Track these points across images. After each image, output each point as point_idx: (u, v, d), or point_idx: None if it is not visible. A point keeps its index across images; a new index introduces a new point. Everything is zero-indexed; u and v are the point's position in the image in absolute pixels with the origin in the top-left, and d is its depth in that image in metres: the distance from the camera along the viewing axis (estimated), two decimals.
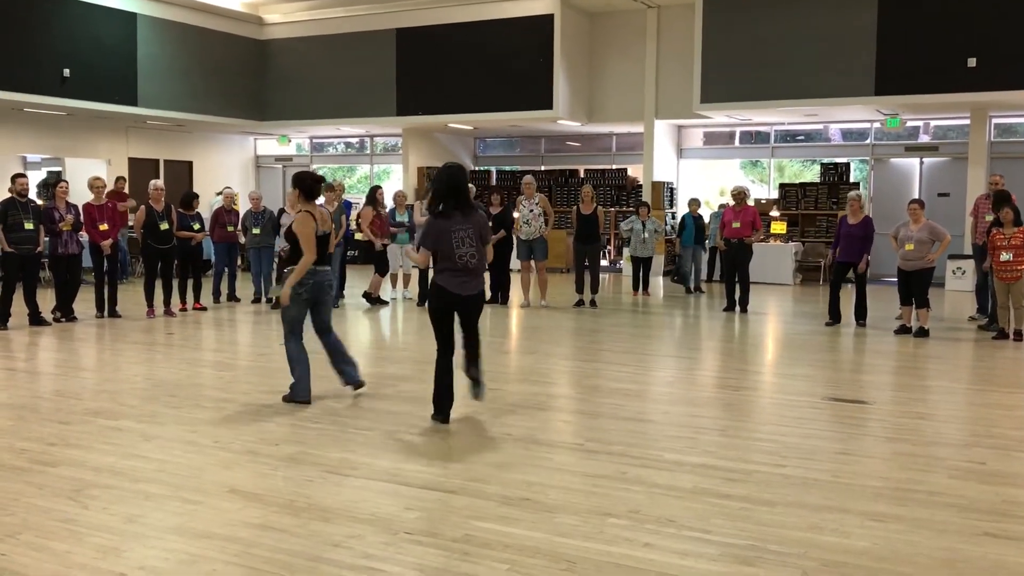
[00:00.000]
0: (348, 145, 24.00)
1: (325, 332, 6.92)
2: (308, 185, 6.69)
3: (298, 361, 6.76)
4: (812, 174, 19.58)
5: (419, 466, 5.14)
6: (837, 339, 10.36)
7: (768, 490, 4.77)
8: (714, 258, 16.54)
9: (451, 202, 6.03)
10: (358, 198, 18.23)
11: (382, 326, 11.42)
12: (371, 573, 3.67)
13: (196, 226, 12.03)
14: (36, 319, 10.54)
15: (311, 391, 6.77)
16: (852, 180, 18.22)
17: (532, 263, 12.88)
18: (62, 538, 4.01)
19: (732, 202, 12.83)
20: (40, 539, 4.00)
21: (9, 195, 10.43)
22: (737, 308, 12.51)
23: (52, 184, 18.53)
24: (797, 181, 19.29)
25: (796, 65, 15.60)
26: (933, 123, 18.05)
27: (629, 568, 3.73)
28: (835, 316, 11.25)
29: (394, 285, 13.66)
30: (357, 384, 7.00)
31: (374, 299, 12.98)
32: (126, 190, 16.05)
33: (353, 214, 14.10)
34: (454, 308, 6.21)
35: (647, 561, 3.81)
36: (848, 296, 11.50)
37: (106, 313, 11.34)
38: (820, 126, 19.09)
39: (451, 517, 4.31)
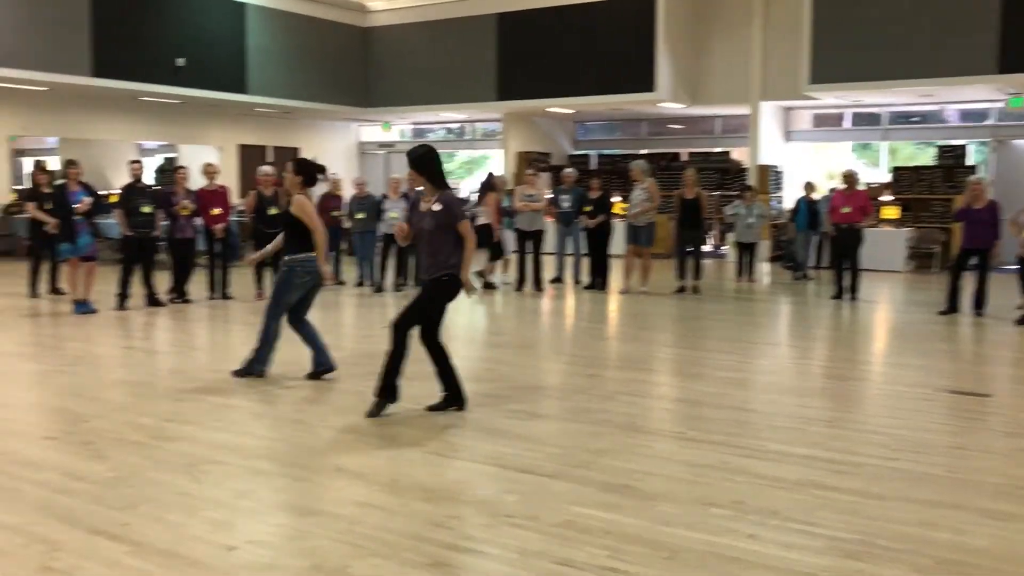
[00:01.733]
0: (449, 130, 24.21)
1: (304, 318, 7.21)
2: (311, 173, 6.97)
3: (275, 338, 7.04)
4: (927, 157, 18.81)
5: (519, 450, 5.16)
6: (953, 328, 9.95)
7: (878, 483, 4.61)
8: (823, 244, 16.06)
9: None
10: (457, 184, 18.36)
11: (481, 311, 11.50)
12: (471, 554, 3.70)
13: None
14: (152, 300, 10.98)
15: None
16: (970, 163, 17.42)
17: (636, 248, 12.73)
18: (177, 511, 4.17)
19: (841, 186, 12.43)
20: (158, 511, 4.17)
21: (128, 180, 10.88)
22: (846, 296, 12.13)
23: (168, 170, 19.26)
24: (911, 164, 18.56)
25: (911, 42, 14.95)
26: None
27: (731, 559, 3.67)
28: (952, 305, 10.79)
29: (505, 270, 13.71)
30: (329, 369, 7.09)
31: (487, 284, 13.04)
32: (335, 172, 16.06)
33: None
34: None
35: (750, 552, 3.73)
36: (967, 285, 11.01)
37: (218, 295, 11.74)
38: (936, 107, 18.29)
39: (551, 502, 4.31)
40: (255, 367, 7.05)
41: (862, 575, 3.53)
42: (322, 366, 7.10)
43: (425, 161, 5.82)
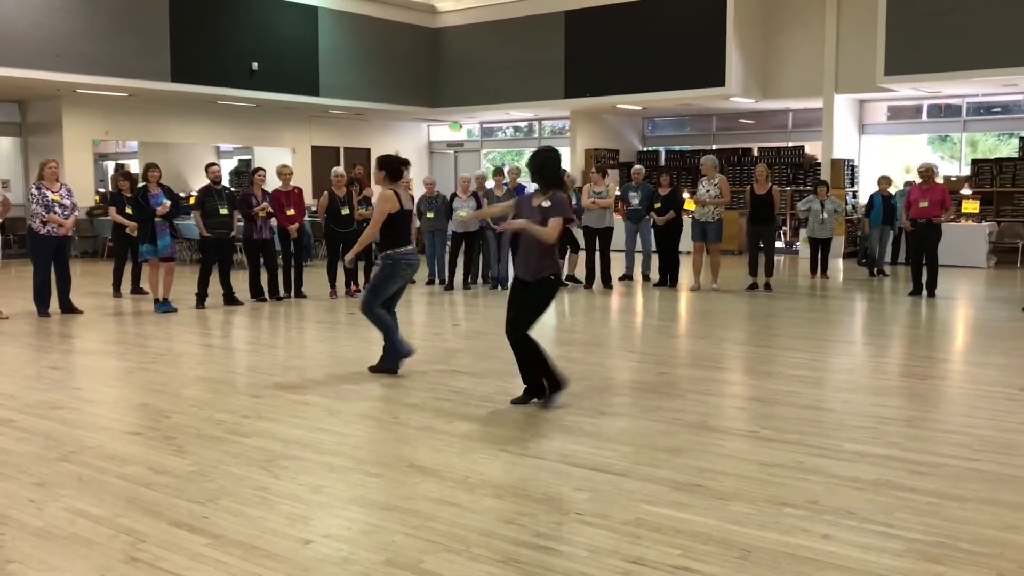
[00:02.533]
0: (517, 129, 24.27)
1: (393, 310, 7.28)
2: (395, 168, 7.10)
3: (393, 323, 7.15)
4: (1009, 149, 18.22)
5: (589, 448, 5.17)
6: None
7: (959, 485, 4.50)
8: (899, 239, 15.68)
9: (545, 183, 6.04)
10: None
11: (553, 308, 11.50)
12: (543, 552, 3.72)
13: (363, 209, 12.43)
14: (230, 299, 11.24)
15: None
16: None
17: (704, 244, 12.62)
18: (255, 504, 4.28)
19: (918, 180, 12.12)
20: (236, 504, 4.28)
21: (206, 183, 11.17)
22: (924, 292, 11.82)
23: (244, 172, 19.72)
24: (992, 156, 17.99)
25: (991, 30, 14.48)
26: None
27: (806, 559, 3.62)
28: None
29: (573, 268, 13.71)
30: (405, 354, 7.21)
31: (569, 279, 13.07)
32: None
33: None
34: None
35: (825, 553, 3.68)
36: None
37: (293, 294, 11.97)
38: (1019, 96, 17.69)
39: (621, 500, 4.31)
40: (388, 363, 7.15)
41: None
42: (391, 362, 7.19)
43: (549, 162, 6.06)
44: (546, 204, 5.95)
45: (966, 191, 16.69)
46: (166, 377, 7.20)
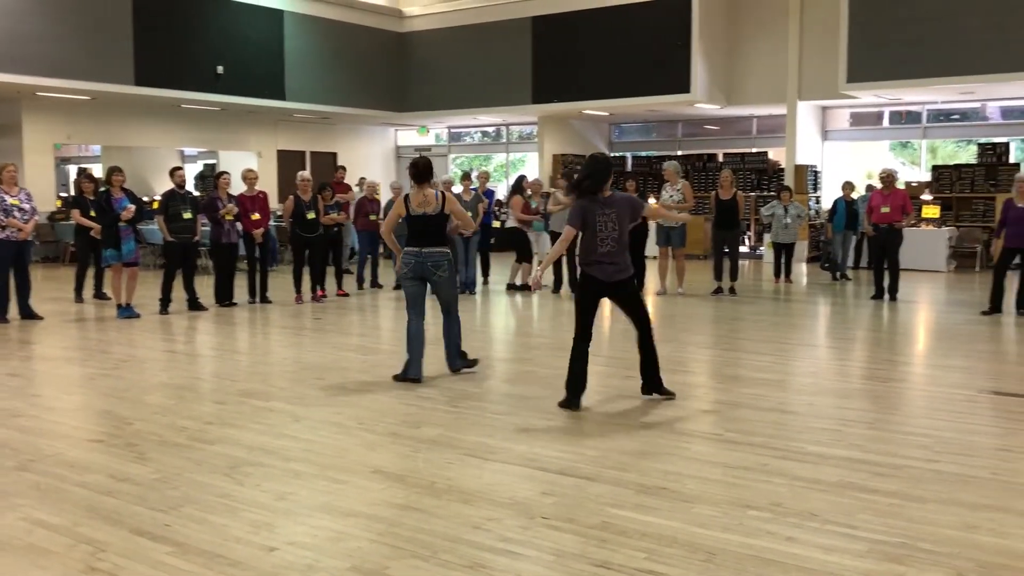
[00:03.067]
0: (484, 134, 24.29)
1: (444, 313, 7.28)
2: (417, 170, 7.23)
3: (412, 338, 7.10)
4: (968, 155, 18.53)
5: (556, 452, 5.17)
6: (996, 329, 9.79)
7: (920, 486, 4.56)
8: (862, 244, 15.88)
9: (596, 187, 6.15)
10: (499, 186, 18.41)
11: (518, 312, 11.52)
12: (509, 556, 3.72)
13: (334, 213, 12.37)
14: (194, 304, 11.13)
15: (422, 371, 7.09)
16: (1012, 161, 17.14)
17: (669, 249, 12.71)
18: (219, 512, 4.24)
19: (880, 185, 12.29)
20: (200, 512, 4.24)
21: (170, 187, 11.06)
22: (886, 296, 11.99)
23: (209, 176, 19.55)
24: (951, 163, 18.29)
25: (951, 39, 14.73)
26: None
27: (770, 561, 3.65)
28: (995, 305, 10.61)
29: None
30: (454, 369, 7.34)
31: (522, 286, 13.09)
32: (346, 180, 15.82)
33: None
34: (600, 296, 6.36)
35: (789, 555, 3.71)
36: (1011, 284, 10.83)
37: (258, 299, 11.87)
38: (977, 104, 18.01)
39: (588, 503, 4.32)
40: (408, 372, 7.12)
41: None
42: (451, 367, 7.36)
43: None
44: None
45: (927, 196, 16.95)
46: (128, 383, 7.11)
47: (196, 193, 13.96)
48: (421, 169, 7.17)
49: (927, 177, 17.98)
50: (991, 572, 3.55)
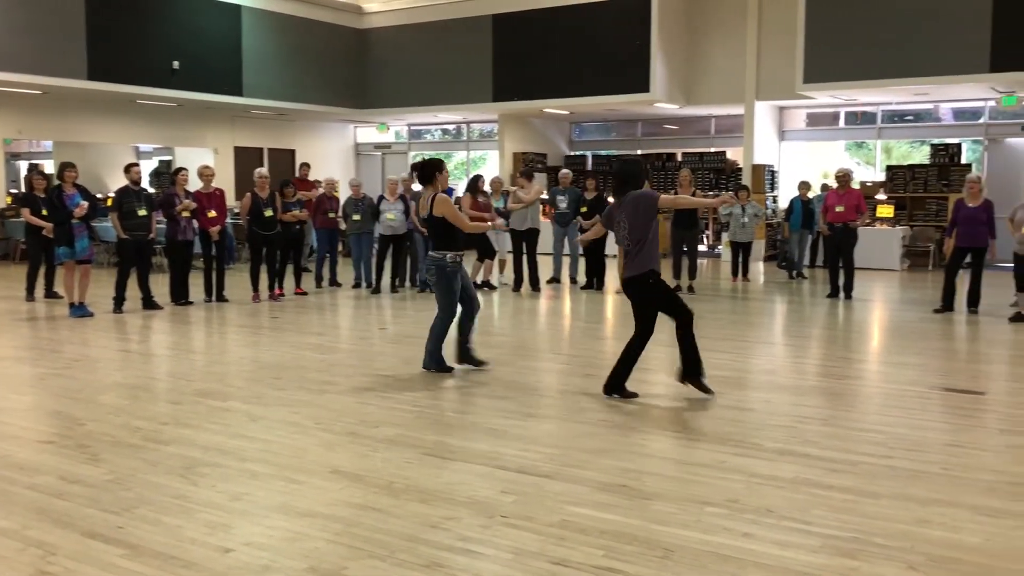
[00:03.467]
0: (445, 132, 24.23)
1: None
2: (424, 172, 7.34)
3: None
4: (921, 155, 18.85)
5: (515, 450, 5.17)
6: (948, 326, 9.98)
7: (873, 482, 4.63)
8: (817, 243, 16.09)
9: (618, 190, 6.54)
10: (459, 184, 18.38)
11: (482, 311, 11.48)
12: (468, 555, 3.71)
13: (296, 211, 12.28)
14: (149, 303, 10.97)
15: (435, 362, 7.31)
16: (964, 162, 17.47)
17: None
18: (174, 513, 4.18)
19: (835, 185, 12.45)
20: (154, 513, 4.17)
21: (125, 184, 10.88)
22: (841, 294, 12.16)
23: (165, 173, 19.26)
24: (905, 163, 18.60)
25: (905, 41, 14.98)
26: None
27: (727, 558, 3.68)
28: (948, 303, 10.81)
29: (502, 271, 13.72)
30: (425, 367, 7.38)
31: (482, 284, 13.09)
32: (310, 177, 15.26)
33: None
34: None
35: (746, 551, 3.74)
36: (962, 283, 11.04)
37: (214, 298, 11.73)
38: (930, 105, 18.34)
39: (547, 502, 4.32)
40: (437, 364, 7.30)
41: (857, 573, 3.54)
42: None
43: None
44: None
45: (881, 196, 17.22)
46: (81, 383, 6.99)
47: (151, 190, 13.74)
48: (421, 171, 7.31)
49: (882, 177, 18.26)
50: (942, 566, 3.61)
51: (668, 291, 6.51)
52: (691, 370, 6.49)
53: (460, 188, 20.63)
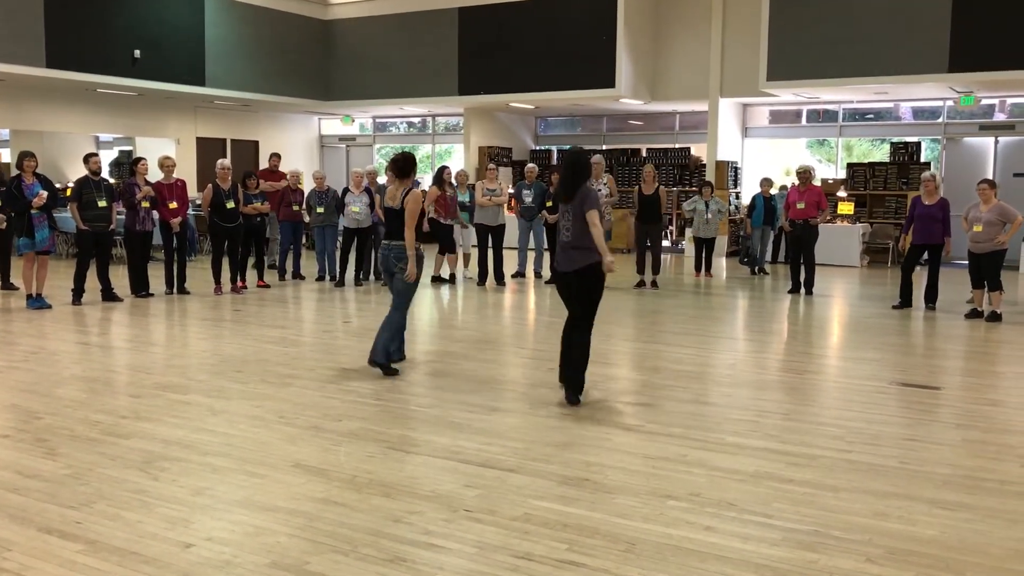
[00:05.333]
0: (410, 125, 24.13)
1: (392, 306, 7.23)
2: (399, 166, 7.17)
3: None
4: (881, 153, 19.11)
5: (479, 444, 5.18)
6: (906, 322, 10.13)
7: (832, 475, 4.69)
8: (779, 239, 16.26)
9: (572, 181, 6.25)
10: (425, 177, 18.31)
11: (442, 305, 11.48)
12: (431, 549, 3.71)
13: (258, 203, 12.18)
14: (109, 295, 10.82)
15: (381, 356, 7.11)
16: (923, 160, 17.74)
17: None
18: (133, 508, 4.13)
19: (797, 182, 12.59)
20: (113, 508, 4.12)
21: (84, 174, 10.71)
22: (802, 290, 12.30)
23: (126, 163, 18.96)
24: (866, 161, 18.84)
25: (866, 41, 15.18)
26: (1010, 101, 17.45)
27: (689, 551, 3.71)
28: (906, 299, 10.98)
29: (466, 265, 13.71)
30: (370, 361, 7.16)
31: (440, 278, 13.08)
32: (281, 167, 14.57)
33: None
34: (560, 284, 6.39)
35: (707, 544, 3.78)
36: (919, 279, 11.22)
37: (175, 290, 11.60)
38: (890, 104, 18.60)
39: (510, 496, 4.33)
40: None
41: (816, 565, 3.59)
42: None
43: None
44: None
45: (842, 193, 17.43)
46: (38, 376, 6.88)
47: (112, 180, 13.53)
48: (402, 165, 7.17)
49: (843, 174, 18.49)
50: (900, 558, 3.67)
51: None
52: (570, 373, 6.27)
53: (426, 181, 20.60)
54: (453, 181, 13.20)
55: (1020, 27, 14.06)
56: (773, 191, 15.48)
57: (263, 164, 20.41)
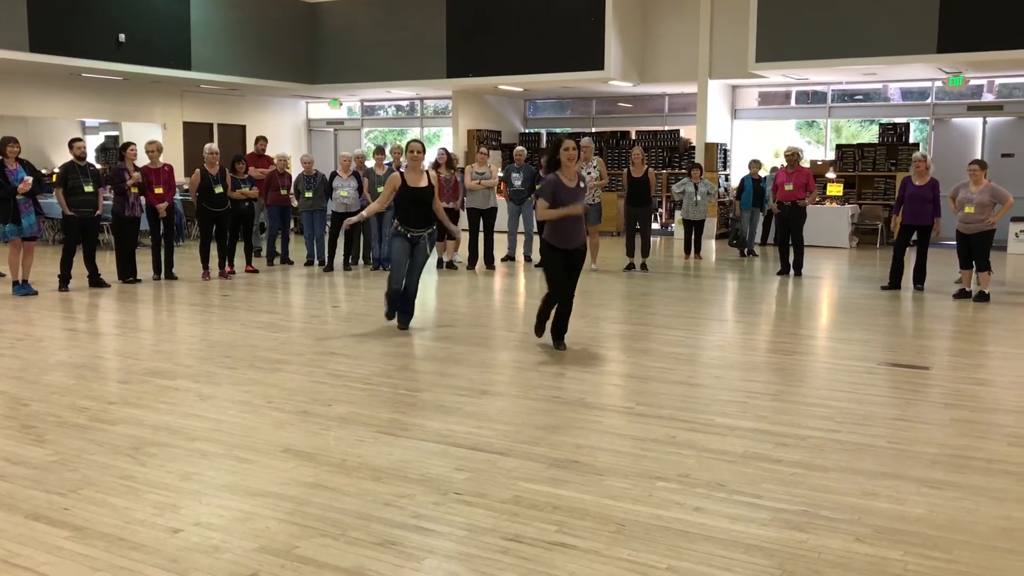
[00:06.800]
0: (399, 108, 24.02)
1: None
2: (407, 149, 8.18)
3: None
4: (870, 135, 19.12)
5: (469, 427, 5.17)
6: (895, 303, 10.16)
7: (821, 455, 4.71)
8: (769, 221, 16.28)
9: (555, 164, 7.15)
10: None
11: (434, 289, 11.46)
12: (421, 533, 3.70)
13: (246, 188, 12.12)
14: (96, 281, 10.76)
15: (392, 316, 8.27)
16: (912, 141, 17.75)
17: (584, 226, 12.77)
18: (121, 494, 4.11)
19: (784, 164, 12.59)
20: (100, 494, 4.10)
21: (70, 159, 10.63)
22: (791, 272, 12.32)
23: (112, 149, 18.82)
24: (855, 142, 18.86)
25: (854, 22, 15.16)
26: (998, 81, 17.48)
27: (679, 532, 3.72)
28: (895, 280, 11.00)
29: (456, 248, 13.65)
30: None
31: (448, 263, 13.01)
32: (268, 152, 14.37)
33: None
34: (562, 260, 7.22)
35: (697, 525, 3.79)
36: (908, 260, 11.25)
37: (163, 275, 11.54)
38: (879, 85, 18.59)
39: (500, 478, 4.33)
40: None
41: (805, 545, 3.60)
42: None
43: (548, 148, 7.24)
44: (582, 185, 7.27)
45: (831, 175, 17.44)
46: (25, 363, 6.84)
47: (98, 166, 13.42)
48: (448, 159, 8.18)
49: (832, 156, 18.49)
50: (888, 537, 3.69)
51: None
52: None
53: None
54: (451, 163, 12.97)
55: (1008, 7, 14.05)
56: (762, 173, 15.47)
57: (250, 148, 20.33)
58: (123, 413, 5.47)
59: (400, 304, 8.19)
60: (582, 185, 7.24)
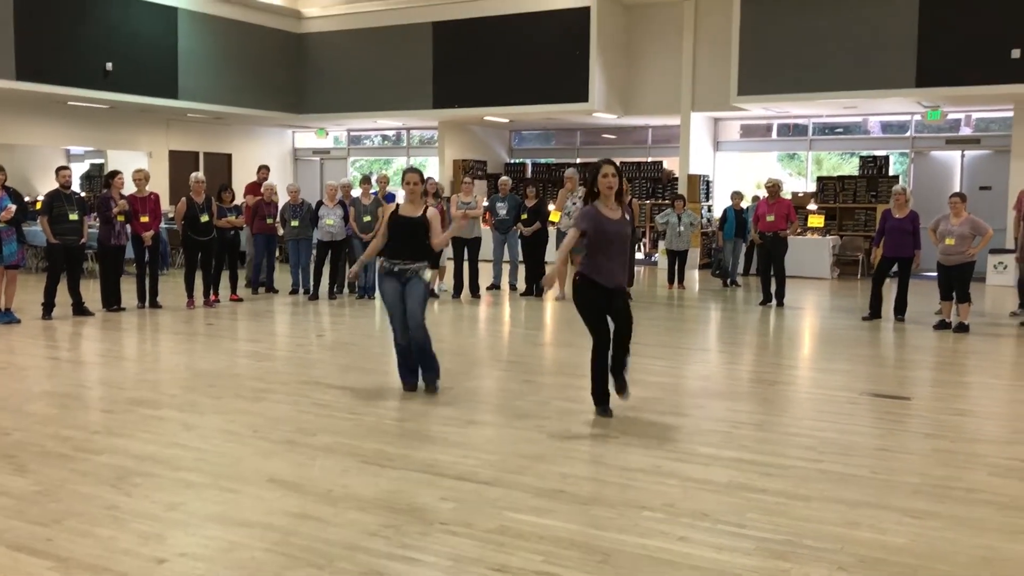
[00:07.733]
0: (385, 138, 24.13)
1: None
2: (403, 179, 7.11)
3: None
4: (851, 167, 19.35)
5: (455, 457, 5.18)
6: (875, 334, 10.25)
7: (804, 485, 4.74)
8: (751, 251, 16.40)
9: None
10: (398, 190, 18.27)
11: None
12: (407, 563, 3.71)
13: (232, 216, 12.14)
14: (80, 309, 10.72)
15: (405, 383, 6.98)
16: (892, 173, 17.98)
17: (569, 255, 12.84)
18: (105, 524, 4.10)
19: (766, 195, 12.72)
20: (84, 525, 4.09)
21: (55, 187, 10.62)
22: (773, 302, 12.41)
23: (97, 177, 18.76)
24: (835, 174, 19.07)
25: (835, 57, 15.41)
26: (975, 115, 17.76)
27: (664, 561, 3.74)
28: (875, 311, 11.10)
29: (441, 278, 13.67)
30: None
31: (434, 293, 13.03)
32: (269, 179, 14.00)
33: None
34: (602, 300, 6.20)
35: (682, 555, 3.81)
36: (888, 291, 11.36)
37: (148, 304, 11.51)
38: (859, 118, 18.86)
39: (486, 508, 4.34)
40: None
41: (789, 574, 3.63)
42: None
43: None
44: (627, 216, 6.42)
45: (812, 206, 17.61)
46: (7, 392, 6.80)
47: (83, 194, 13.42)
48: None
49: (813, 187, 18.69)
50: (871, 567, 3.72)
51: None
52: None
53: (401, 195, 20.56)
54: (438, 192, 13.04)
55: (984, 44, 14.33)
56: (744, 204, 15.62)
57: (236, 177, 20.38)
58: (107, 443, 5.45)
59: (416, 359, 6.92)
60: (627, 217, 6.36)
